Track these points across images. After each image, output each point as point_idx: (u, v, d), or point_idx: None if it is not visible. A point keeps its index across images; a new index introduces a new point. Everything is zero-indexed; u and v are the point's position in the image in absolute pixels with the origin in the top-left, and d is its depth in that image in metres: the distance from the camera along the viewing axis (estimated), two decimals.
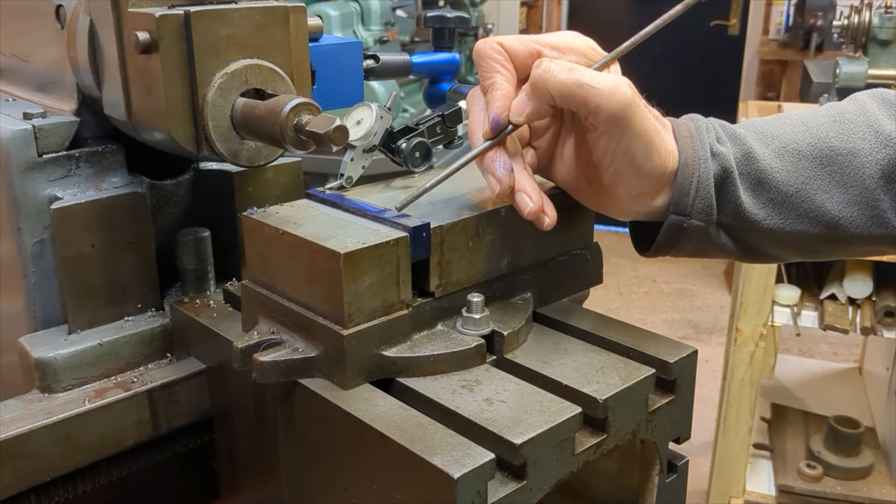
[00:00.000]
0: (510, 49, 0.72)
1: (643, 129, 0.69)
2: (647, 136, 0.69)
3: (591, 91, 0.67)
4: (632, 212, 0.75)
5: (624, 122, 0.68)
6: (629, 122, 0.68)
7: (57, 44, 0.84)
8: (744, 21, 5.64)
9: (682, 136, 0.74)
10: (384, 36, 2.98)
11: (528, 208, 0.69)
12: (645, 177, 0.71)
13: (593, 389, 0.64)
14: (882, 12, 2.75)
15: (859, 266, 2.49)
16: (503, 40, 0.72)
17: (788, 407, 3.07)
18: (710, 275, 5.19)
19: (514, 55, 0.72)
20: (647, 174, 0.71)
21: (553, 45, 0.72)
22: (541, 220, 0.71)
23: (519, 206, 0.70)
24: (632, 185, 0.72)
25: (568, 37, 0.73)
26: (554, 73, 0.68)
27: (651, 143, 0.70)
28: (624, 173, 0.71)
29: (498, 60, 0.72)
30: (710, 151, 0.73)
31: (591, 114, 0.68)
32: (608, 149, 0.70)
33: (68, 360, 0.79)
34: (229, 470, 0.84)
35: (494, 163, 0.70)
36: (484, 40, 0.73)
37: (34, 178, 0.81)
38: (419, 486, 0.57)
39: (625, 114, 0.67)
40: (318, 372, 0.67)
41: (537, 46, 0.72)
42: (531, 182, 0.70)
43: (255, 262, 0.73)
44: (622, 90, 0.67)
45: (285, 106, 0.67)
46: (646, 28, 0.72)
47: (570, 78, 0.67)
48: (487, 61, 0.72)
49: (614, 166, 0.71)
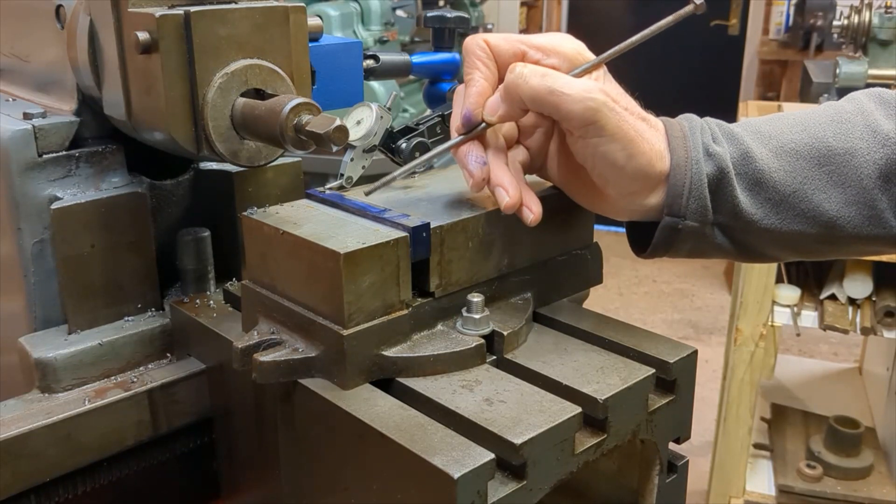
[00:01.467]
0: (495, 47, 0.73)
1: (619, 131, 0.69)
2: (626, 138, 0.70)
3: (562, 97, 0.68)
4: (627, 211, 0.75)
5: (596, 126, 0.68)
6: (602, 125, 0.68)
7: (57, 44, 0.84)
8: (744, 21, 5.64)
9: (674, 137, 0.74)
10: (384, 36, 2.98)
11: (504, 202, 0.70)
12: (630, 177, 0.71)
13: (593, 389, 0.64)
14: (882, 12, 2.75)
15: (859, 266, 2.49)
16: (489, 38, 0.73)
17: (788, 407, 3.07)
18: (710, 275, 5.19)
19: (498, 54, 0.73)
20: (632, 175, 0.71)
21: (539, 46, 0.73)
22: (523, 214, 0.71)
23: (497, 200, 0.71)
24: (619, 186, 0.72)
25: (556, 39, 0.74)
26: (526, 79, 0.69)
27: (632, 144, 0.70)
28: (608, 175, 0.72)
29: (480, 58, 0.73)
30: (706, 151, 0.73)
31: (563, 119, 0.70)
32: (587, 152, 0.71)
33: (68, 360, 0.79)
34: (229, 470, 0.84)
35: (468, 156, 0.72)
36: (472, 37, 0.74)
37: (34, 178, 0.81)
38: (419, 486, 0.57)
39: (595, 118, 0.68)
40: (318, 372, 0.67)
41: (523, 47, 0.73)
42: (509, 177, 0.71)
43: (255, 262, 0.73)
44: (591, 96, 0.68)
45: (285, 106, 0.67)
46: (633, 37, 0.73)
47: (541, 84, 0.68)
48: (470, 58, 0.74)
49: (597, 169, 0.72)
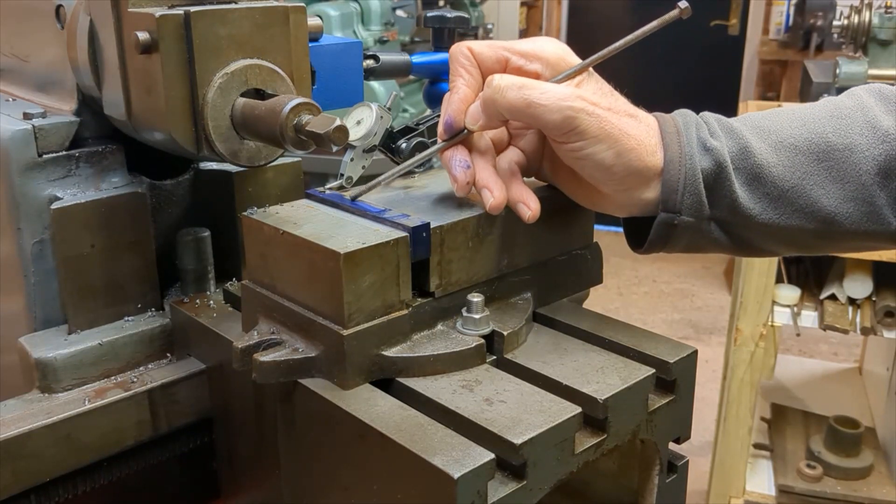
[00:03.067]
0: (478, 55, 0.75)
1: (603, 133, 0.70)
2: (611, 139, 0.70)
3: (539, 109, 0.69)
4: (625, 207, 0.76)
5: (576, 131, 0.69)
6: (582, 130, 0.69)
7: (57, 44, 0.84)
8: (744, 21, 5.64)
9: (667, 133, 0.74)
10: (384, 36, 2.98)
11: (488, 203, 0.71)
12: (621, 175, 0.72)
13: (593, 389, 0.64)
14: (882, 12, 2.75)
15: (859, 266, 2.49)
16: (473, 45, 0.75)
17: (788, 407, 3.07)
18: (710, 275, 5.19)
19: (482, 61, 0.75)
20: (623, 173, 0.72)
21: (522, 52, 0.74)
22: (520, 211, 0.72)
23: (483, 201, 0.72)
24: (611, 184, 0.73)
25: (539, 44, 0.75)
26: (503, 93, 0.70)
27: (618, 143, 0.70)
28: (597, 175, 0.72)
29: (463, 65, 0.75)
30: (703, 146, 0.73)
31: (543, 129, 0.72)
32: (574, 156, 0.72)
33: (68, 360, 0.79)
34: (229, 470, 0.84)
35: (452, 161, 0.73)
36: (457, 45, 0.76)
37: (34, 178, 0.81)
38: (419, 486, 0.57)
39: (573, 125, 0.69)
40: (318, 372, 0.67)
41: (506, 53, 0.75)
42: (494, 178, 0.72)
43: (255, 262, 0.73)
44: (567, 104, 0.69)
45: (285, 106, 0.67)
46: (617, 42, 0.74)
47: (518, 97, 0.69)
48: (454, 65, 0.76)
49: (587, 170, 0.72)
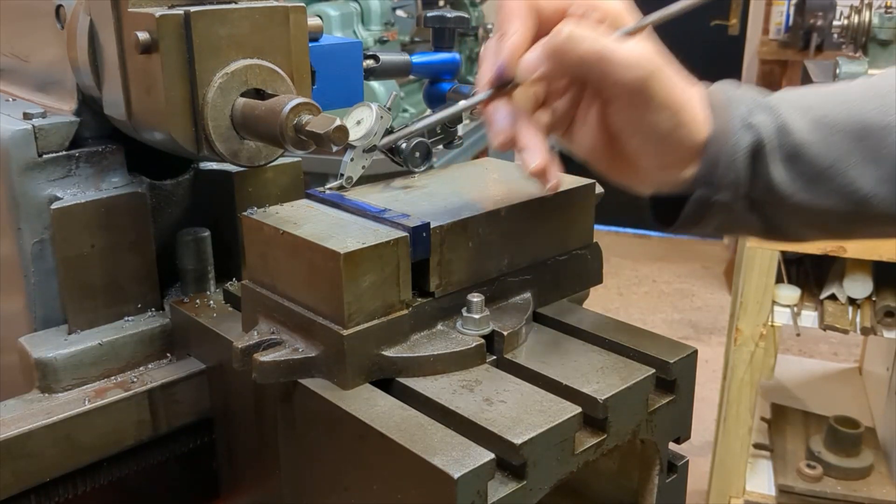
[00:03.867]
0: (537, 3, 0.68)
1: (669, 100, 0.65)
2: (675, 107, 0.66)
3: (612, 65, 0.64)
4: (657, 184, 0.72)
5: (646, 94, 0.65)
6: (652, 94, 0.65)
7: (57, 44, 0.84)
8: (744, 21, 5.64)
9: (717, 107, 0.70)
10: (384, 36, 2.97)
11: (532, 165, 0.66)
12: (672, 149, 0.68)
13: (593, 389, 0.64)
14: (882, 12, 2.74)
15: (859, 266, 2.49)
16: None
17: (788, 407, 3.07)
18: (710, 275, 5.19)
19: (541, 9, 0.68)
20: (675, 146, 0.68)
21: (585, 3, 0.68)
22: (546, 178, 0.68)
23: (524, 162, 0.67)
24: (658, 158, 0.69)
25: None
26: (577, 44, 0.64)
27: (679, 114, 0.66)
28: (649, 146, 0.68)
29: (521, 9, 0.67)
30: (744, 122, 0.69)
31: (609, 87, 0.66)
32: (631, 121, 0.67)
33: (68, 360, 0.79)
34: (229, 470, 0.84)
35: (496, 113, 0.68)
36: None
37: (34, 178, 0.81)
38: (419, 486, 0.57)
39: (646, 86, 0.64)
40: (318, 372, 0.67)
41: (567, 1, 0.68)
42: (537, 140, 0.67)
43: (255, 262, 0.73)
44: (644, 62, 0.64)
45: (285, 106, 0.67)
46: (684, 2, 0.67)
47: (591, 49, 0.63)
48: (507, 10, 0.68)
49: (638, 139, 0.68)
